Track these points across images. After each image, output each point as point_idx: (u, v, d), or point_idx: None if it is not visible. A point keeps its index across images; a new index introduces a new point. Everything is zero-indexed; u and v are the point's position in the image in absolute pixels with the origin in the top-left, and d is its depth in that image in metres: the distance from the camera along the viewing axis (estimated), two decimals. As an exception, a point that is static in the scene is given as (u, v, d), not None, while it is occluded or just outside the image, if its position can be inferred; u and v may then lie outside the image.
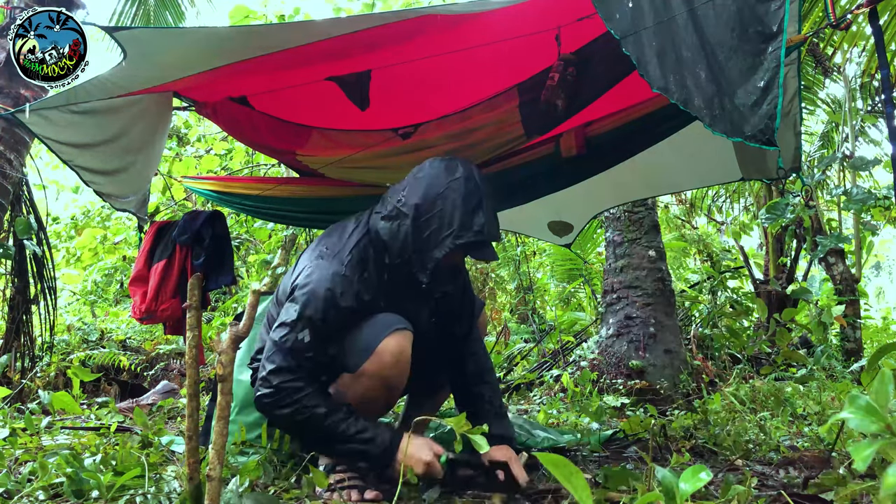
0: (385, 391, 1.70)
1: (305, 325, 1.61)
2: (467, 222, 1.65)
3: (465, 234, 1.65)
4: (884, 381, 0.88)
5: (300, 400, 1.58)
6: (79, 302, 8.61)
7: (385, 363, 1.63)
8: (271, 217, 3.92)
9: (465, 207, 1.66)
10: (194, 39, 2.07)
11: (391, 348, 1.62)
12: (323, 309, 1.62)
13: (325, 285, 1.64)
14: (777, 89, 1.37)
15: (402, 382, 1.71)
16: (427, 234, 1.68)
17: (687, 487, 0.97)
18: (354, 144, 2.74)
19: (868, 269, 16.24)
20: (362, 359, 1.63)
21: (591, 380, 3.86)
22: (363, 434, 1.58)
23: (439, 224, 1.66)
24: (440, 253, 1.67)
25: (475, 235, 1.65)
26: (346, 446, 1.59)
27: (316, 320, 1.61)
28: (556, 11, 2.10)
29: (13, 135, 3.68)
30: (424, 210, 1.68)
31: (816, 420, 2.63)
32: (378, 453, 1.59)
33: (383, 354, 1.62)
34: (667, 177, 3.11)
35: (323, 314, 1.62)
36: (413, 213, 1.69)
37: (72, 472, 1.46)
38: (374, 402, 1.72)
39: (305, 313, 1.62)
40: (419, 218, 1.69)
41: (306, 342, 1.60)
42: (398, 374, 1.66)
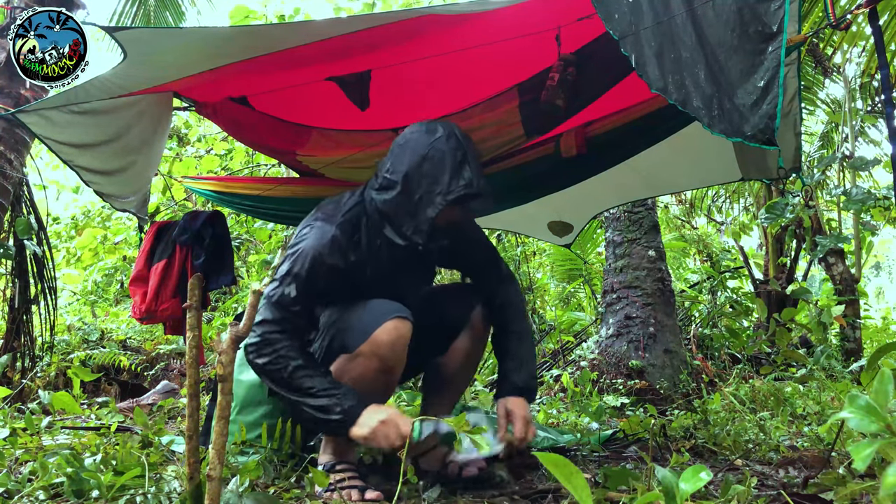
0: (382, 373, 1.71)
1: (292, 280, 1.68)
2: (455, 177, 1.70)
3: (455, 188, 1.70)
4: (883, 381, 0.88)
5: (278, 350, 1.62)
6: (79, 302, 8.61)
7: (381, 343, 1.67)
8: (271, 217, 3.92)
9: (451, 163, 1.71)
10: (194, 39, 2.07)
11: (388, 330, 1.67)
12: (309, 265, 1.69)
13: (313, 244, 1.72)
14: (777, 89, 1.37)
15: (398, 364, 1.72)
16: (418, 197, 1.72)
17: (687, 487, 0.97)
18: (354, 144, 2.74)
19: (868, 269, 16.24)
20: (360, 341, 1.69)
21: (591, 380, 3.86)
22: (328, 391, 1.60)
23: (428, 184, 1.71)
24: (433, 212, 1.71)
25: (464, 189, 1.70)
26: (309, 402, 1.60)
27: (301, 275, 1.69)
28: (556, 11, 2.10)
29: (13, 135, 3.68)
30: (412, 174, 1.73)
31: (816, 420, 2.63)
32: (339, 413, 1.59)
33: (381, 335, 1.67)
34: (667, 177, 3.11)
35: (308, 270, 1.69)
36: (402, 179, 1.73)
37: (72, 471, 1.46)
38: (371, 384, 1.72)
39: (293, 269, 1.69)
40: (408, 182, 1.73)
41: (292, 297, 1.67)
42: (394, 355, 1.69)
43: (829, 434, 2.13)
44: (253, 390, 2.16)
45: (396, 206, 1.75)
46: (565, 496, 1.60)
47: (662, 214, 8.68)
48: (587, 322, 6.36)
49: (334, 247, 1.73)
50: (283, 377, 1.62)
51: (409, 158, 1.74)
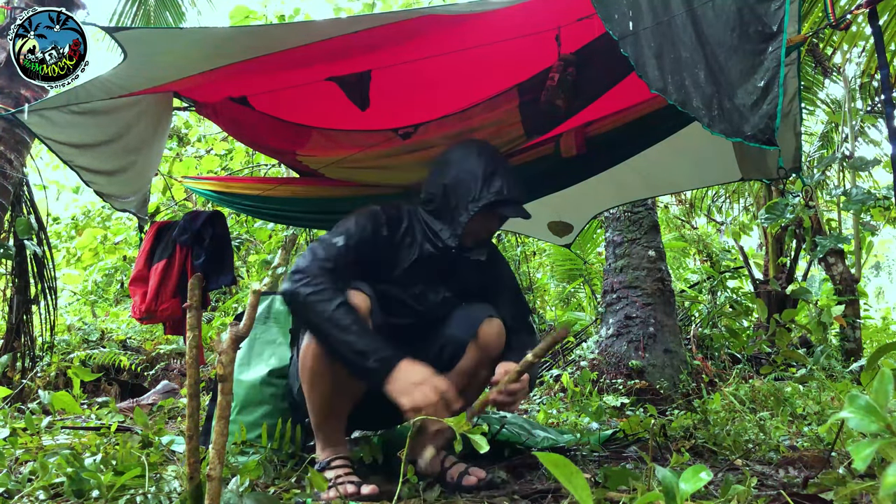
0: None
1: (341, 232, 1.83)
2: (485, 186, 1.85)
3: (485, 195, 1.84)
4: (883, 381, 0.88)
5: (325, 283, 1.68)
6: (79, 302, 8.61)
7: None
8: (271, 217, 3.92)
9: (482, 174, 1.87)
10: (195, 40, 2.07)
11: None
12: (356, 224, 1.86)
13: (360, 213, 1.91)
14: (777, 89, 1.37)
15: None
16: (454, 205, 1.89)
17: (687, 487, 0.97)
18: (355, 144, 2.74)
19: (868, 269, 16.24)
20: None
21: (591, 380, 3.86)
22: (367, 334, 1.64)
23: (462, 193, 1.87)
24: (465, 217, 1.86)
25: (494, 195, 1.84)
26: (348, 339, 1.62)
27: (349, 230, 1.84)
28: (556, 11, 2.10)
29: (13, 135, 3.68)
30: (450, 186, 1.90)
31: (816, 420, 2.63)
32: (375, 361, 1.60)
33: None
34: (667, 177, 3.11)
35: (355, 227, 1.85)
36: (440, 191, 1.92)
37: (72, 471, 1.46)
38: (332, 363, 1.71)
39: (342, 227, 1.86)
40: (447, 194, 1.90)
41: (338, 246, 1.79)
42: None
43: (829, 434, 2.13)
44: (253, 390, 2.17)
45: (437, 214, 1.93)
46: (565, 496, 1.60)
47: (662, 214, 8.69)
48: (587, 322, 6.36)
49: (378, 218, 1.90)
50: (327, 309, 1.64)
51: (447, 172, 1.93)
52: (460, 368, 1.89)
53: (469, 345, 1.88)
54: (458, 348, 1.89)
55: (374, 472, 1.95)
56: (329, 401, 1.78)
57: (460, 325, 1.91)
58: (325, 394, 1.76)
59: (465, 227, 1.88)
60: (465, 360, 1.89)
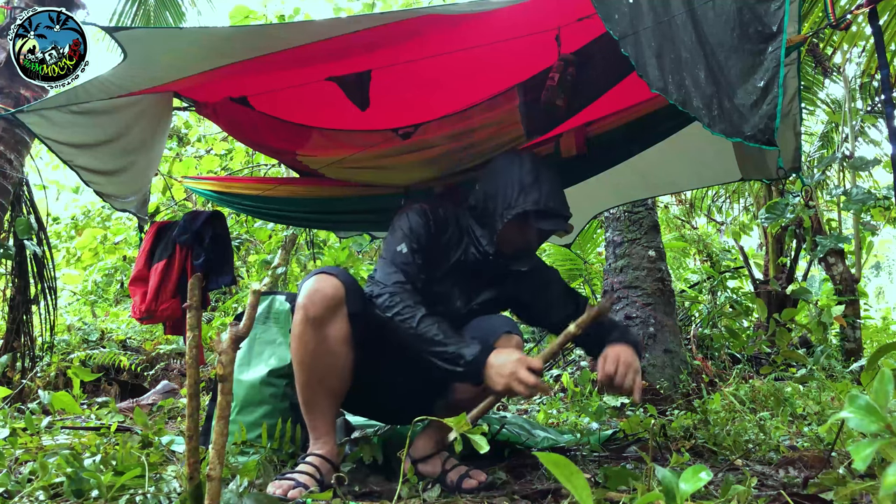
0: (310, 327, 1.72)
1: (401, 237, 1.89)
2: (522, 194, 1.89)
3: (521, 204, 1.88)
4: (883, 381, 0.88)
5: (405, 300, 1.75)
6: (79, 302, 8.61)
7: (303, 294, 1.73)
8: (271, 217, 3.92)
9: (521, 182, 1.91)
10: (194, 40, 2.07)
11: (309, 283, 1.75)
12: (412, 222, 1.92)
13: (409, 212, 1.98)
14: (777, 89, 1.37)
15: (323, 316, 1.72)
16: (492, 211, 1.94)
17: (687, 487, 0.97)
18: (355, 144, 2.74)
19: (868, 269, 16.24)
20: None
21: (591, 380, 3.86)
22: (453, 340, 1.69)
23: (500, 200, 1.93)
24: (500, 224, 1.91)
25: (532, 205, 1.88)
26: (437, 350, 1.68)
27: (408, 231, 1.90)
28: (556, 11, 2.10)
29: (13, 135, 3.68)
30: (490, 192, 1.96)
31: (816, 420, 2.63)
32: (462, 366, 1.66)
33: (303, 288, 1.76)
34: (667, 177, 3.11)
35: (413, 225, 1.92)
36: (482, 197, 1.98)
37: (72, 472, 1.46)
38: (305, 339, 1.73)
39: (399, 229, 1.92)
40: (487, 200, 1.97)
41: (404, 253, 1.85)
42: (313, 305, 1.71)
43: (829, 434, 2.13)
44: (253, 390, 2.16)
45: (479, 220, 1.99)
46: (565, 496, 1.60)
47: (662, 214, 8.68)
48: (587, 322, 6.34)
49: (428, 216, 1.96)
50: (413, 326, 1.70)
51: (490, 180, 1.99)
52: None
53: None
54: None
55: (374, 471, 1.95)
56: (307, 387, 1.79)
57: (478, 336, 1.88)
58: (302, 380, 1.78)
59: (500, 234, 1.92)
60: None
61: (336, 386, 1.81)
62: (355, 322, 1.77)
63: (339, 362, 1.78)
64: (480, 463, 1.98)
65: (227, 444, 1.14)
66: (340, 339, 1.76)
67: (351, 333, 1.77)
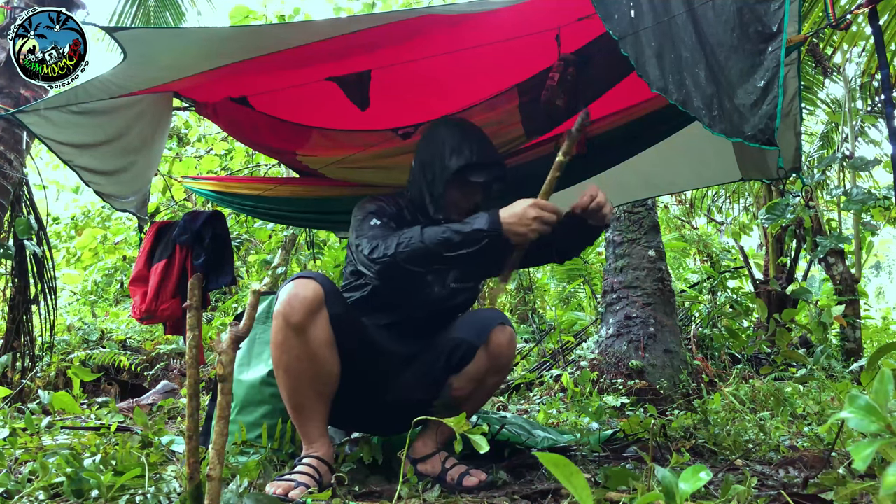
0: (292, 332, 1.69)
1: (369, 218, 1.88)
2: (454, 153, 1.93)
3: (454, 162, 1.92)
4: (883, 381, 0.88)
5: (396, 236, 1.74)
6: (79, 302, 8.61)
7: (281, 301, 1.71)
8: (271, 217, 3.92)
9: (451, 142, 1.95)
10: (194, 40, 2.07)
11: (287, 289, 1.73)
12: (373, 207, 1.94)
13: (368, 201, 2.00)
14: (777, 89, 1.37)
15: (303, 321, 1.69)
16: (431, 178, 1.97)
17: (687, 487, 0.97)
18: (355, 144, 2.74)
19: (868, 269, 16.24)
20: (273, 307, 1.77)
21: (591, 380, 3.86)
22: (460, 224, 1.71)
23: (437, 164, 1.96)
24: (441, 187, 1.94)
25: (465, 159, 1.92)
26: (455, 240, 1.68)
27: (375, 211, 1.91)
28: (556, 11, 2.10)
29: (13, 135, 3.68)
30: (425, 161, 2.00)
31: (816, 420, 2.63)
32: (485, 233, 1.67)
33: (281, 294, 1.73)
34: (667, 177, 3.11)
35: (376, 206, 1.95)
36: (419, 169, 2.01)
37: (72, 472, 1.46)
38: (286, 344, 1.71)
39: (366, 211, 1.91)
40: (423, 170, 1.99)
41: (378, 224, 1.85)
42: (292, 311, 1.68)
43: (829, 434, 2.13)
44: (253, 390, 2.16)
45: (419, 192, 2.00)
46: (565, 496, 1.60)
47: (662, 214, 8.69)
48: (587, 322, 6.36)
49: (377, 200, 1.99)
50: (421, 241, 1.70)
51: (422, 150, 2.04)
52: (469, 373, 1.88)
53: (479, 350, 1.87)
54: (468, 352, 1.87)
55: (374, 472, 1.95)
56: (294, 393, 1.76)
57: (472, 330, 1.89)
58: (288, 386, 1.75)
59: (446, 200, 1.95)
60: (475, 365, 1.87)
61: (324, 390, 1.78)
62: (337, 325, 1.74)
63: (325, 366, 1.75)
64: (480, 463, 1.99)
65: (227, 444, 1.14)
66: (324, 343, 1.73)
67: (334, 336, 1.74)
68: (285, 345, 1.70)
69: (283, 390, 1.76)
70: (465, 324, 1.93)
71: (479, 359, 1.87)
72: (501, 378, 1.98)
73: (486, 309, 2.01)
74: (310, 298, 1.69)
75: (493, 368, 1.89)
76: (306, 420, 1.78)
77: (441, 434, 1.93)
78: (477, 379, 1.88)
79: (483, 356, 1.87)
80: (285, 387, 1.75)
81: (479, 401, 2.00)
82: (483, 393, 1.96)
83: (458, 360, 1.88)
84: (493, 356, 1.87)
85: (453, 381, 1.89)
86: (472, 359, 1.87)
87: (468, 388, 1.88)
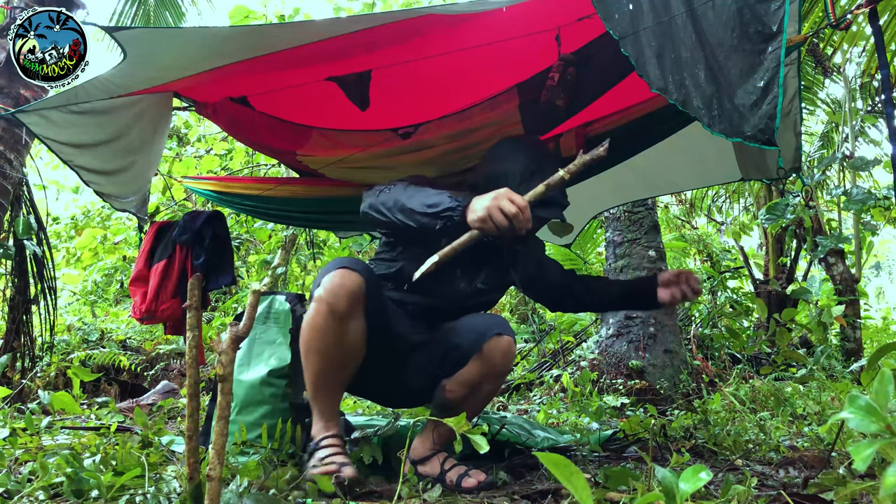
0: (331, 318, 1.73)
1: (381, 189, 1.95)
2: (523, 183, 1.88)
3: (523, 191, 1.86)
4: (884, 381, 0.88)
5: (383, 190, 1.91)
6: (79, 302, 8.61)
7: (326, 288, 1.74)
8: (271, 217, 3.92)
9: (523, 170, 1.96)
10: (194, 39, 2.07)
11: (332, 277, 1.75)
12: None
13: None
14: (777, 89, 1.37)
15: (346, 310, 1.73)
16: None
17: (687, 487, 0.97)
18: (354, 144, 2.74)
19: (868, 269, 16.24)
20: (315, 290, 1.78)
21: (591, 380, 3.86)
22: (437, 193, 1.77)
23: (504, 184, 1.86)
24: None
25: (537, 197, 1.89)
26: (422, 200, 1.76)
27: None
28: (556, 11, 2.10)
29: (13, 135, 3.68)
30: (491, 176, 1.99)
31: (816, 420, 2.63)
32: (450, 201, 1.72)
33: (326, 282, 1.75)
34: (667, 177, 3.11)
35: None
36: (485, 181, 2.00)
37: (72, 472, 1.46)
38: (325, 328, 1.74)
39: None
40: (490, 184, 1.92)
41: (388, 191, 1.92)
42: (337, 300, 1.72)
43: (829, 434, 2.13)
44: (253, 390, 2.16)
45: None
46: (565, 496, 1.60)
47: (662, 214, 8.69)
48: (587, 322, 6.36)
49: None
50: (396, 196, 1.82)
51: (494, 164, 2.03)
52: (461, 378, 1.87)
53: (472, 358, 1.85)
54: (461, 359, 1.87)
55: (374, 471, 1.95)
56: (321, 375, 1.80)
57: (468, 336, 1.88)
58: (317, 368, 1.78)
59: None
60: (468, 371, 1.86)
61: (348, 374, 1.84)
62: (370, 314, 1.80)
63: (356, 353, 1.81)
64: (480, 463, 1.99)
65: (227, 444, 1.14)
66: (360, 333, 1.79)
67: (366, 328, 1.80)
68: (324, 331, 1.74)
69: (310, 370, 1.80)
70: (464, 327, 1.93)
71: (471, 366, 1.85)
72: (497, 385, 1.97)
73: (488, 315, 1.99)
74: (355, 290, 1.74)
75: (487, 376, 1.87)
76: (326, 399, 1.82)
77: (440, 434, 1.93)
78: (470, 384, 1.87)
79: (476, 364, 1.85)
80: (314, 369, 1.79)
81: (478, 405, 2.00)
82: (480, 398, 1.95)
83: (452, 365, 1.88)
84: (487, 365, 1.85)
85: (446, 383, 1.89)
86: (465, 365, 1.86)
87: (461, 392, 1.88)
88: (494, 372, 1.86)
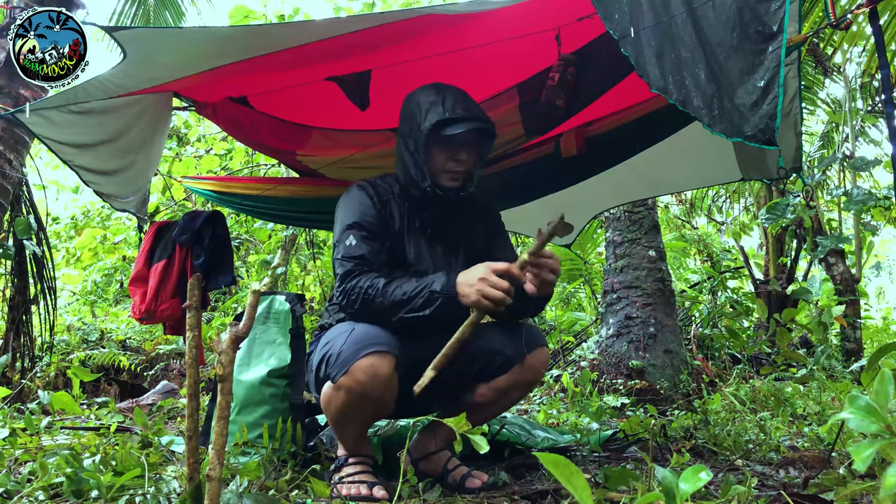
0: (368, 402, 1.69)
1: (348, 232, 1.83)
2: (428, 112, 1.85)
3: (429, 119, 1.84)
4: (884, 381, 0.88)
5: (362, 286, 1.73)
6: (79, 302, 8.61)
7: (358, 380, 1.64)
8: (271, 217, 3.92)
9: (425, 103, 1.88)
10: (194, 39, 2.07)
11: (364, 368, 1.64)
12: (355, 211, 1.87)
13: (346, 197, 1.95)
14: (777, 89, 1.37)
15: (384, 393, 1.68)
16: (413, 147, 1.90)
17: (687, 487, 0.97)
18: (354, 144, 2.74)
19: (868, 269, 16.24)
20: (340, 373, 1.66)
21: (591, 380, 3.86)
22: (419, 287, 1.70)
23: (415, 129, 1.88)
24: (423, 151, 1.88)
25: (438, 115, 1.83)
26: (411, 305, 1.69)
27: (353, 223, 1.85)
28: (556, 11, 2.10)
29: (13, 135, 3.68)
30: (405, 131, 1.94)
31: (816, 420, 2.63)
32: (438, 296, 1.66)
33: (356, 372, 1.64)
34: (667, 177, 3.11)
35: (358, 215, 1.86)
36: (401, 141, 1.95)
37: (72, 472, 1.46)
38: (357, 413, 1.73)
39: (344, 223, 1.86)
40: (405, 140, 1.93)
41: (354, 244, 1.81)
42: (374, 390, 1.66)
43: (829, 434, 2.13)
44: (253, 390, 2.16)
45: (404, 166, 1.93)
46: (565, 496, 1.60)
47: (662, 214, 8.69)
48: (587, 322, 6.36)
49: (363, 192, 1.93)
50: (381, 301, 1.71)
51: (400, 122, 1.96)
52: (498, 384, 1.89)
53: (515, 366, 1.87)
54: (504, 365, 1.88)
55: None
56: (354, 431, 1.81)
57: (511, 345, 1.89)
58: (350, 429, 1.79)
59: (428, 162, 1.89)
60: (507, 378, 1.88)
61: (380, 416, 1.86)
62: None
63: (387, 410, 1.80)
64: (480, 463, 1.99)
65: (227, 444, 1.14)
66: (392, 399, 1.74)
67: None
68: (356, 406, 1.70)
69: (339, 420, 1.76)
70: (505, 337, 1.91)
71: (512, 373, 1.87)
72: (525, 394, 2.02)
73: (528, 326, 1.98)
74: (388, 374, 1.66)
75: (521, 384, 1.91)
76: (353, 434, 1.81)
77: (442, 434, 1.93)
78: (503, 390, 1.90)
79: (517, 372, 1.87)
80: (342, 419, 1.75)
81: (500, 409, 2.02)
82: (505, 403, 1.97)
83: (493, 371, 1.88)
84: (526, 374, 1.88)
85: (481, 387, 1.90)
86: (506, 372, 1.87)
87: (491, 397, 1.90)
88: (529, 381, 1.91)
